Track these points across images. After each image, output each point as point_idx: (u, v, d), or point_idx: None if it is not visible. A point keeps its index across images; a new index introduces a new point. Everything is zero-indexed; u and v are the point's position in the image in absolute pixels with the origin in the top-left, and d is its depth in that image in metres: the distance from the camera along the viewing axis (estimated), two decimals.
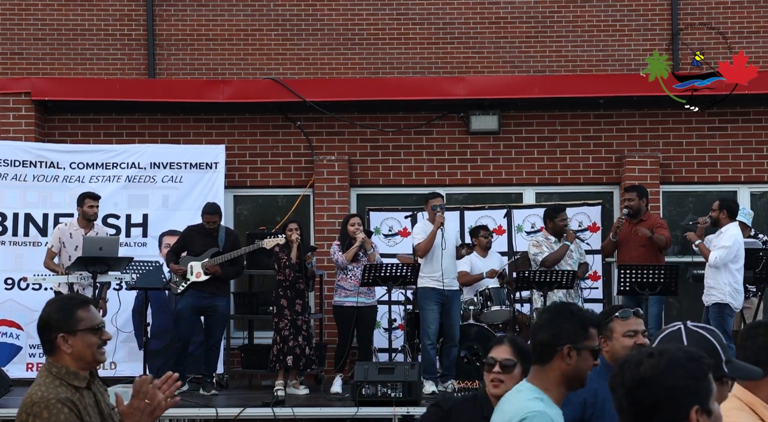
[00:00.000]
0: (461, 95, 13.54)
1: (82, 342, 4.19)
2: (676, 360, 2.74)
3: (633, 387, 2.73)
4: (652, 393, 2.72)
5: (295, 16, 14.94)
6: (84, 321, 4.21)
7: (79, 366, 4.21)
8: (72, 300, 4.37)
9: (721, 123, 13.59)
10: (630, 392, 2.73)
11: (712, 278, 11.04)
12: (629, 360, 2.79)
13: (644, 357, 2.77)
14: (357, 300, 11.48)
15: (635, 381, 2.73)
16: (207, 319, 11.71)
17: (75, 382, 4.18)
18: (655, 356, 2.76)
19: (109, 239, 11.59)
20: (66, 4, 15.04)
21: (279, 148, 13.86)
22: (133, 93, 13.76)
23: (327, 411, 10.67)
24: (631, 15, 14.74)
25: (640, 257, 11.57)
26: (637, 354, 2.81)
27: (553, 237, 11.70)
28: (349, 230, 11.53)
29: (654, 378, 2.72)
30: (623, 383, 2.75)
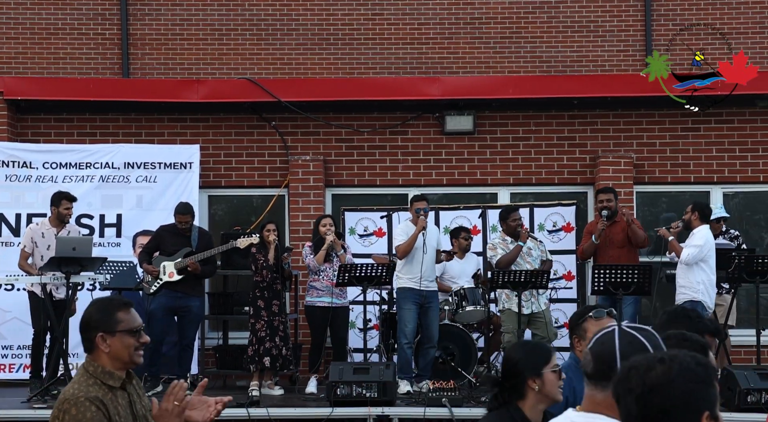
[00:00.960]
0: (436, 95, 13.56)
1: (120, 342, 4.29)
2: (687, 365, 2.72)
3: (644, 394, 2.69)
4: (664, 399, 2.67)
5: (269, 16, 14.91)
6: (123, 323, 4.32)
7: (115, 366, 4.30)
8: (114, 301, 4.51)
9: (695, 124, 13.67)
10: (640, 398, 2.68)
11: (683, 277, 11.10)
12: (636, 365, 2.75)
13: (654, 363, 2.73)
14: (331, 300, 11.47)
15: (647, 387, 2.69)
16: (180, 319, 11.67)
17: (110, 381, 4.27)
18: (666, 361, 2.72)
19: (82, 239, 11.54)
20: (39, 3, 14.94)
21: (254, 148, 13.83)
22: (107, 92, 13.71)
23: (302, 412, 10.65)
24: (605, 16, 14.79)
25: (618, 258, 11.63)
26: (644, 359, 2.77)
27: (509, 238, 11.74)
28: (321, 231, 11.51)
29: (666, 385, 2.68)
30: (632, 389, 2.70)
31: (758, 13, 14.74)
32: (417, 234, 11.19)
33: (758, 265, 11.03)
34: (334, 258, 11.54)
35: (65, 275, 10.78)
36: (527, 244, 11.70)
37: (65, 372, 10.82)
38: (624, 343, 3.17)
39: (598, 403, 3.20)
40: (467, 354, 11.64)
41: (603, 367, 3.17)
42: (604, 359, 3.17)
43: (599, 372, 3.18)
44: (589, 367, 3.22)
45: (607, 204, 11.76)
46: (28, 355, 11.91)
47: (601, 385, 3.18)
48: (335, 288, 11.48)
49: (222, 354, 12.41)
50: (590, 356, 3.23)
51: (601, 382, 3.17)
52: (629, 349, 3.13)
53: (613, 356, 3.16)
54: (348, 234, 13.19)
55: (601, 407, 3.20)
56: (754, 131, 13.69)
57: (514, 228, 11.68)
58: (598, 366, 3.19)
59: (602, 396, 3.18)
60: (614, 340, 3.19)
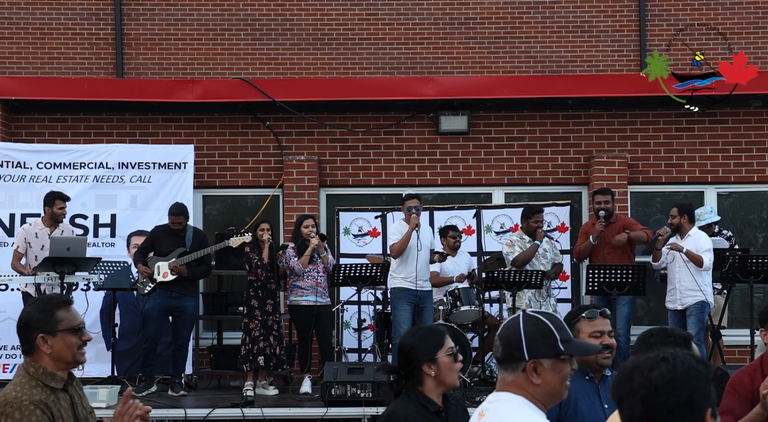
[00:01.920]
0: (431, 95, 13.56)
1: (62, 342, 4.16)
2: (689, 364, 2.74)
3: (650, 394, 2.70)
4: (672, 398, 2.69)
5: (264, 16, 14.89)
6: (64, 322, 4.18)
7: (57, 367, 4.18)
8: (52, 300, 4.33)
9: (689, 124, 13.69)
10: (646, 398, 2.70)
11: (690, 280, 11.17)
12: (639, 366, 2.76)
13: (657, 363, 2.75)
14: (316, 299, 11.47)
15: (652, 387, 2.70)
16: (175, 320, 11.67)
17: (51, 383, 4.14)
18: (669, 361, 2.74)
19: (76, 239, 11.53)
20: (33, 3, 14.92)
21: (248, 148, 13.83)
22: (101, 92, 13.69)
23: (296, 412, 10.65)
24: (600, 16, 14.80)
25: (613, 258, 11.65)
26: (646, 359, 2.79)
27: (527, 237, 11.75)
28: (303, 232, 11.50)
29: (671, 384, 2.70)
30: (636, 390, 2.72)
31: (752, 13, 14.75)
32: (410, 232, 11.20)
33: (752, 265, 11.05)
34: (316, 258, 11.53)
35: (59, 275, 10.77)
36: (543, 246, 11.72)
37: None
38: (528, 325, 3.38)
39: (508, 384, 3.38)
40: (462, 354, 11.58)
41: (510, 350, 3.37)
42: (510, 342, 3.37)
43: (508, 355, 3.38)
44: (498, 352, 3.42)
45: (604, 205, 11.77)
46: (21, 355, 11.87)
47: (511, 367, 3.37)
48: (320, 287, 11.48)
49: (216, 355, 12.40)
50: (499, 342, 3.42)
51: (511, 364, 3.37)
52: (533, 330, 3.36)
53: (518, 338, 3.35)
54: (342, 234, 13.20)
55: (510, 387, 3.38)
56: (748, 131, 13.72)
57: (535, 229, 11.70)
58: (507, 349, 3.38)
59: (512, 378, 3.38)
60: (519, 324, 3.39)
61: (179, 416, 10.50)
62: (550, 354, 3.34)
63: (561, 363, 3.37)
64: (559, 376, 3.36)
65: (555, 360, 3.35)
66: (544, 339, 3.35)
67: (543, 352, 3.34)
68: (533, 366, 3.33)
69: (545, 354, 3.34)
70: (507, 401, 3.35)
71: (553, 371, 3.35)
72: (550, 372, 3.35)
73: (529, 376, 3.33)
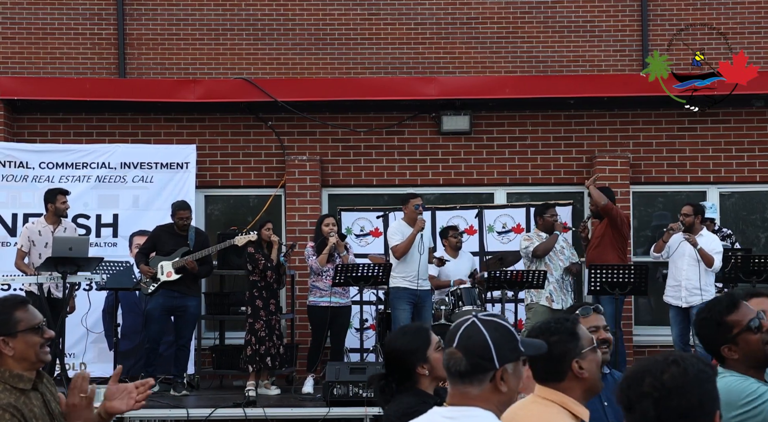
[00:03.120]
0: (433, 95, 13.56)
1: (24, 343, 4.07)
2: (698, 366, 2.74)
3: (663, 397, 2.69)
4: (684, 401, 2.68)
5: (266, 16, 14.90)
6: (23, 322, 4.09)
7: (23, 368, 4.09)
8: (8, 301, 4.21)
9: (691, 124, 13.68)
10: (659, 401, 2.69)
11: (697, 279, 11.18)
12: (649, 369, 2.75)
13: (668, 365, 2.73)
14: (330, 300, 11.48)
15: (665, 390, 2.69)
16: (177, 319, 11.67)
17: (20, 385, 4.06)
18: (680, 363, 2.73)
19: (79, 239, 11.53)
20: (35, 3, 14.93)
21: (250, 148, 13.83)
22: (104, 92, 13.70)
23: (298, 412, 10.65)
24: (602, 16, 14.79)
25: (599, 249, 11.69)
26: (655, 362, 2.77)
27: (544, 234, 11.78)
28: (324, 230, 11.53)
29: (685, 386, 2.69)
30: (648, 393, 2.70)
31: (754, 13, 14.75)
32: (416, 233, 11.25)
33: (755, 265, 11.05)
34: (336, 258, 11.53)
35: (62, 275, 10.78)
36: (560, 242, 11.75)
37: (62, 373, 10.82)
38: (492, 331, 3.18)
39: (473, 398, 3.17)
40: None
41: (478, 360, 3.15)
42: (477, 352, 3.15)
43: (476, 366, 3.16)
44: (462, 365, 3.17)
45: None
46: None
47: (477, 379, 3.17)
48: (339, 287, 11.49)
49: (218, 354, 12.41)
50: (461, 353, 3.18)
51: (478, 376, 3.16)
52: (498, 336, 3.17)
53: (486, 346, 3.15)
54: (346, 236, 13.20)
55: (476, 401, 3.17)
56: (751, 131, 13.71)
57: (552, 224, 11.75)
58: (473, 360, 3.16)
59: (478, 391, 3.17)
60: (481, 330, 3.17)
61: (181, 416, 10.51)
62: (514, 357, 3.19)
63: (520, 365, 3.24)
64: (519, 380, 3.23)
65: (516, 364, 3.21)
66: (509, 342, 3.19)
67: (510, 357, 3.18)
68: (501, 373, 3.16)
69: (512, 359, 3.18)
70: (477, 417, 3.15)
71: (515, 375, 3.21)
72: (513, 377, 3.20)
73: (498, 385, 3.16)
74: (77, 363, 12.44)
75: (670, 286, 11.52)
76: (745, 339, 4.02)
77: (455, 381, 3.20)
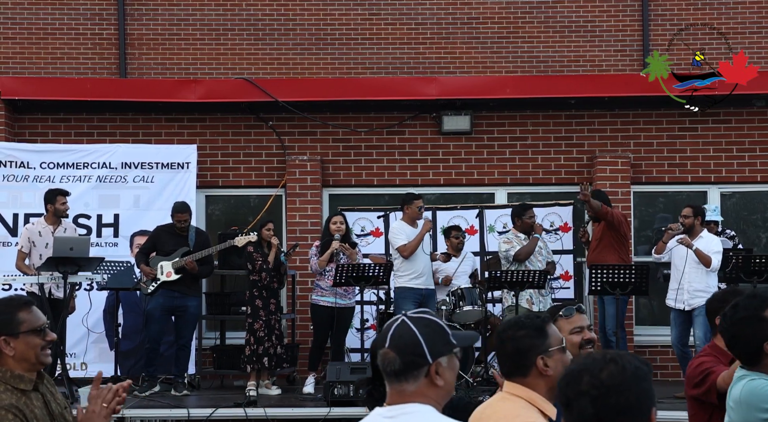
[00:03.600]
0: (433, 95, 13.56)
1: (25, 344, 4.08)
2: (635, 364, 2.77)
3: (601, 395, 2.71)
4: (622, 399, 2.71)
5: (267, 16, 14.91)
6: (26, 323, 4.10)
7: (23, 369, 4.10)
8: (13, 301, 4.23)
9: (692, 124, 13.68)
10: (597, 399, 2.71)
11: (699, 281, 11.16)
12: (587, 367, 2.78)
13: (606, 364, 2.76)
14: (334, 300, 11.49)
15: (603, 388, 2.72)
16: (177, 319, 11.67)
17: (21, 385, 4.07)
18: (618, 361, 2.76)
19: (79, 239, 11.53)
20: (36, 3, 14.94)
21: (251, 148, 13.83)
22: (105, 92, 13.70)
23: (299, 412, 10.66)
24: (602, 16, 14.80)
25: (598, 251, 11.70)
26: (593, 360, 2.80)
27: (522, 235, 11.79)
28: (331, 228, 11.57)
29: (623, 384, 2.72)
30: (586, 391, 2.73)
31: (755, 13, 14.76)
32: (424, 234, 11.36)
33: (756, 265, 11.04)
34: (341, 258, 11.53)
35: (62, 275, 10.78)
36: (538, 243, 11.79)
37: (63, 373, 10.82)
38: (422, 328, 3.22)
39: (410, 394, 3.21)
40: (464, 354, 11.62)
41: (411, 358, 3.19)
42: (409, 350, 3.19)
43: (409, 363, 3.19)
44: (396, 364, 3.20)
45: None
46: None
47: (412, 376, 3.20)
48: (339, 288, 11.50)
49: (219, 354, 12.41)
50: (393, 353, 3.21)
51: (412, 373, 3.20)
52: (428, 331, 3.22)
53: (417, 342, 3.19)
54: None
55: (413, 397, 3.21)
56: (752, 131, 13.70)
57: (530, 225, 11.76)
58: (406, 358, 3.19)
59: (414, 387, 3.21)
60: (411, 328, 3.22)
61: (182, 416, 10.51)
62: (447, 351, 3.23)
63: (454, 357, 3.28)
64: (454, 371, 3.27)
65: (450, 357, 3.25)
66: (440, 336, 3.24)
67: (442, 351, 3.22)
68: (435, 367, 3.21)
69: (445, 352, 3.23)
70: (416, 412, 3.18)
71: (450, 368, 3.25)
72: (448, 370, 3.25)
73: (433, 379, 3.21)
74: (78, 363, 12.45)
75: (672, 289, 11.51)
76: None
77: (391, 381, 3.24)
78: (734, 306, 4.29)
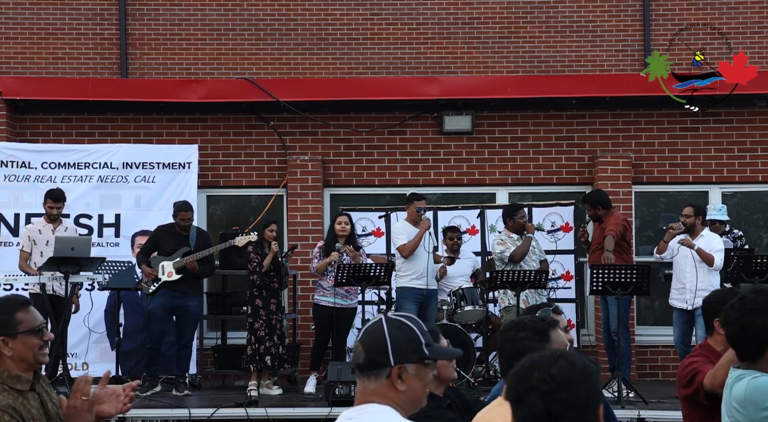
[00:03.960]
0: (434, 95, 13.56)
1: (23, 344, 4.08)
2: (584, 361, 2.80)
3: (551, 390, 2.73)
4: (572, 394, 2.73)
5: (268, 16, 14.91)
6: (24, 323, 4.10)
7: (21, 369, 4.10)
8: (10, 301, 4.22)
9: (693, 124, 13.67)
10: (547, 395, 2.72)
11: (702, 280, 11.16)
12: (537, 363, 2.79)
13: (556, 359, 2.78)
14: (334, 301, 11.50)
15: (553, 383, 2.73)
16: (178, 319, 11.67)
17: (18, 386, 4.06)
18: (567, 358, 2.79)
19: (81, 239, 11.54)
20: (38, 3, 14.95)
21: (252, 147, 13.83)
22: (106, 92, 13.70)
23: (300, 412, 10.66)
24: (604, 16, 14.80)
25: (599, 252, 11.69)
26: (543, 356, 2.82)
27: (515, 235, 11.80)
28: (336, 229, 11.58)
29: (572, 380, 2.74)
30: (536, 386, 2.74)
31: (757, 13, 14.75)
32: (423, 233, 11.32)
33: (757, 265, 11.04)
34: (344, 258, 11.52)
35: (64, 275, 10.78)
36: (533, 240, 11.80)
37: (64, 373, 10.83)
38: (393, 329, 3.21)
39: (370, 393, 3.23)
40: (465, 354, 11.62)
41: (374, 356, 3.20)
42: (374, 348, 3.20)
43: (371, 361, 3.20)
44: (360, 358, 3.24)
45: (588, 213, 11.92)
46: None
47: (374, 375, 3.21)
48: (340, 289, 11.50)
49: (221, 354, 12.41)
50: (361, 347, 3.24)
51: (374, 371, 3.21)
52: (398, 334, 3.20)
53: (383, 343, 3.19)
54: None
55: (373, 396, 3.22)
56: (753, 131, 13.69)
57: (522, 225, 11.75)
58: (370, 355, 3.21)
59: (375, 386, 3.22)
60: (383, 328, 3.22)
61: (183, 416, 10.52)
62: (415, 358, 3.20)
63: (425, 368, 3.24)
64: (422, 382, 3.24)
65: (419, 366, 3.22)
66: (409, 343, 3.21)
67: (408, 357, 3.20)
68: (398, 372, 3.18)
69: (410, 360, 3.20)
70: (374, 413, 3.20)
71: (417, 377, 3.22)
72: (415, 378, 3.21)
73: (394, 383, 3.19)
74: (80, 362, 12.45)
75: (675, 289, 11.51)
76: None
77: (358, 375, 3.27)
78: (743, 298, 4.28)
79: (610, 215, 11.88)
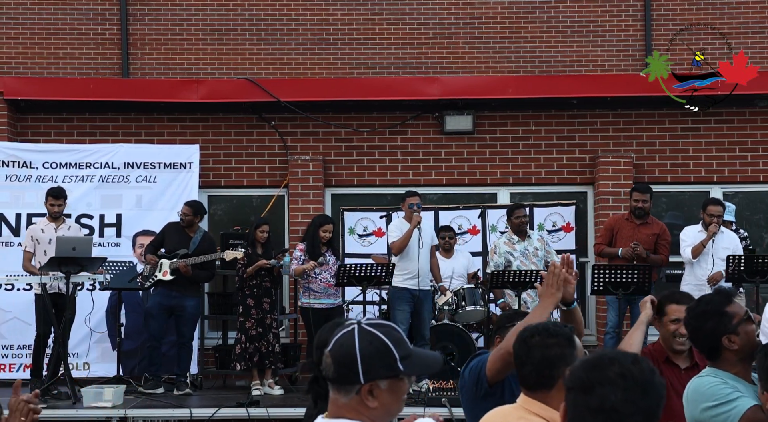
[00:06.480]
0: (436, 95, 13.56)
1: None
2: (658, 372, 2.86)
3: (629, 388, 2.75)
4: (646, 399, 2.75)
5: (269, 16, 14.91)
6: None
7: None
8: None
9: (694, 124, 13.67)
10: (625, 391, 2.74)
11: None
12: (617, 358, 2.80)
13: (636, 361, 2.81)
14: (330, 302, 11.50)
15: (633, 382, 2.76)
16: (177, 319, 11.68)
17: None
18: (646, 362, 2.83)
19: (82, 239, 11.53)
20: (39, 3, 14.95)
21: (253, 147, 13.83)
22: (107, 92, 13.71)
23: (301, 412, 10.59)
24: (605, 16, 14.80)
25: None
26: (618, 354, 2.84)
27: (516, 237, 11.76)
28: (321, 235, 11.52)
29: (649, 385, 2.77)
30: (614, 380, 2.75)
31: (758, 13, 14.75)
32: (412, 229, 11.16)
33: (758, 265, 11.01)
34: (329, 259, 11.54)
35: (65, 275, 10.78)
36: (533, 244, 11.71)
37: (65, 373, 10.83)
38: (364, 344, 2.99)
39: (341, 407, 3.04)
40: (467, 354, 11.60)
41: (344, 370, 2.99)
42: (344, 363, 2.99)
43: (342, 376, 3.00)
44: (330, 371, 3.03)
45: (642, 205, 11.65)
46: (28, 355, 11.90)
47: (344, 389, 3.02)
48: (331, 288, 11.49)
49: (221, 354, 12.40)
50: (330, 360, 3.03)
51: (344, 386, 3.01)
52: (370, 349, 2.98)
53: (353, 359, 2.98)
54: (347, 234, 13.21)
55: (344, 410, 3.03)
56: (754, 131, 13.69)
57: (518, 226, 11.72)
58: (341, 369, 3.00)
59: (345, 400, 3.02)
60: (354, 342, 2.99)
61: (184, 415, 10.52)
62: (388, 375, 2.99)
63: (399, 382, 3.03)
64: (396, 396, 3.04)
65: (394, 381, 3.01)
66: (382, 359, 2.98)
67: (380, 374, 2.98)
68: (369, 389, 2.97)
69: (383, 376, 2.98)
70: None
71: (391, 392, 3.01)
72: (388, 394, 3.00)
73: (364, 400, 2.98)
74: (81, 362, 12.45)
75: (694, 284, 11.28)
76: (744, 329, 4.20)
77: (330, 386, 3.09)
78: (699, 300, 4.33)
79: (653, 219, 11.78)
